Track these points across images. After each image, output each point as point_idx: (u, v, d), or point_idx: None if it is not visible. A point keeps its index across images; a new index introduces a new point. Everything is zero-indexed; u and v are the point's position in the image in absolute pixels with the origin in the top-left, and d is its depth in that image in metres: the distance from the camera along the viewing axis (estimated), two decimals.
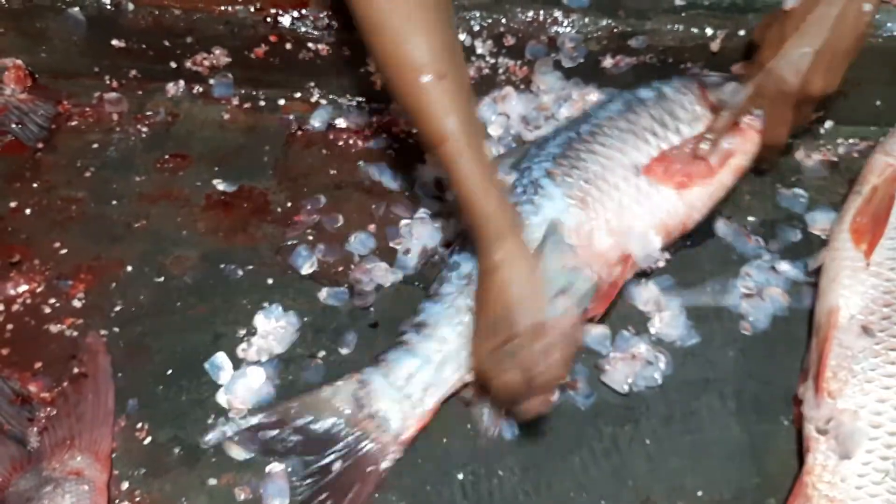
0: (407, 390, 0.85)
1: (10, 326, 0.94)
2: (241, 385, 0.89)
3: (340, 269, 0.99)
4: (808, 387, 0.85)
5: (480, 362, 0.81)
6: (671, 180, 0.93)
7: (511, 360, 0.77)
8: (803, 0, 0.90)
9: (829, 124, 1.13)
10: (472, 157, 0.76)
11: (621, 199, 0.92)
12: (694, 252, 1.00)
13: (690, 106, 0.98)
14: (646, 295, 0.96)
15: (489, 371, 0.79)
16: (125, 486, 0.84)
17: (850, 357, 0.84)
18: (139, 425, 0.87)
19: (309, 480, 0.83)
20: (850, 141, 1.11)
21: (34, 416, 0.86)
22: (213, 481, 0.84)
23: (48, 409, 0.87)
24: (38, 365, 0.91)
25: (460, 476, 0.85)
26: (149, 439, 0.87)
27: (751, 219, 1.03)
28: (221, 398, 0.88)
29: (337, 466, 0.83)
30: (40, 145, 1.10)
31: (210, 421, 0.87)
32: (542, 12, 1.07)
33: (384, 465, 0.84)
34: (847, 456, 0.80)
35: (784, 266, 0.98)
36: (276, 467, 0.83)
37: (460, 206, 0.79)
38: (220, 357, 0.91)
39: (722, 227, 1.01)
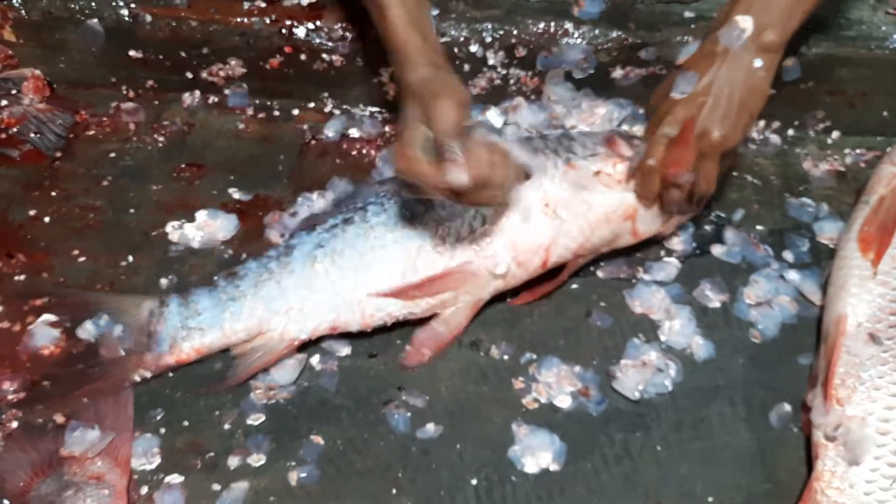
0: (190, 323, 0.91)
1: None
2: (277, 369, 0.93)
3: None
4: (816, 394, 0.86)
5: None
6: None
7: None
8: (691, 60, 0.90)
9: (836, 134, 1.14)
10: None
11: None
12: (703, 261, 1.02)
13: (592, 145, 0.96)
14: (656, 303, 0.97)
15: None
16: (144, 490, 0.85)
17: (857, 364, 0.85)
18: (159, 431, 0.89)
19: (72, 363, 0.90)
20: (858, 151, 1.13)
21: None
22: (231, 485, 0.85)
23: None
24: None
25: (474, 482, 0.86)
26: (167, 444, 0.88)
27: (759, 228, 1.05)
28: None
29: (94, 371, 0.89)
30: (58, 154, 1.12)
31: (227, 427, 0.89)
32: (553, 24, 1.08)
33: (132, 377, 0.90)
34: (856, 462, 0.81)
35: (792, 275, 0.99)
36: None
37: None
38: None
39: (731, 235, 1.03)
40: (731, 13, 0.86)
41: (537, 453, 0.87)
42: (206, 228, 1.04)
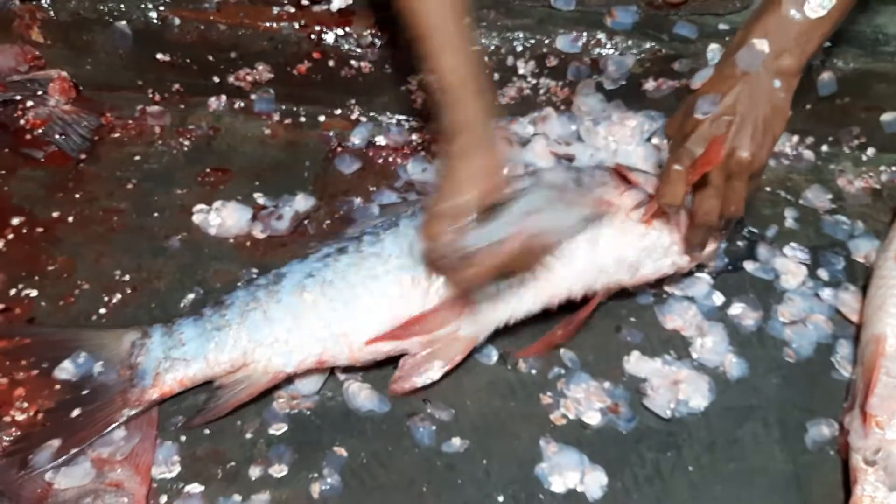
0: (174, 353, 0.87)
1: None
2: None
3: None
4: (854, 416, 0.84)
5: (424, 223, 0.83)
6: None
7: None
8: (709, 83, 0.85)
9: (871, 151, 1.12)
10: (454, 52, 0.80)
11: None
12: (737, 278, 0.99)
13: (600, 176, 0.93)
14: (688, 319, 0.95)
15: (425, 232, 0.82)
16: (163, 499, 0.83)
17: None
18: (179, 439, 0.87)
19: (50, 414, 0.85)
20: (893, 168, 1.11)
21: None
22: (252, 496, 0.83)
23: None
24: None
25: (501, 498, 0.84)
26: (188, 453, 0.86)
27: (793, 245, 1.02)
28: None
29: (76, 412, 0.84)
30: (83, 156, 1.11)
31: (249, 436, 0.87)
32: (585, 34, 1.07)
33: (119, 417, 0.85)
34: None
35: (828, 293, 0.97)
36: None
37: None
38: None
39: (764, 252, 1.01)
40: (748, 37, 0.82)
41: (565, 472, 0.85)
42: (229, 220, 1.04)
